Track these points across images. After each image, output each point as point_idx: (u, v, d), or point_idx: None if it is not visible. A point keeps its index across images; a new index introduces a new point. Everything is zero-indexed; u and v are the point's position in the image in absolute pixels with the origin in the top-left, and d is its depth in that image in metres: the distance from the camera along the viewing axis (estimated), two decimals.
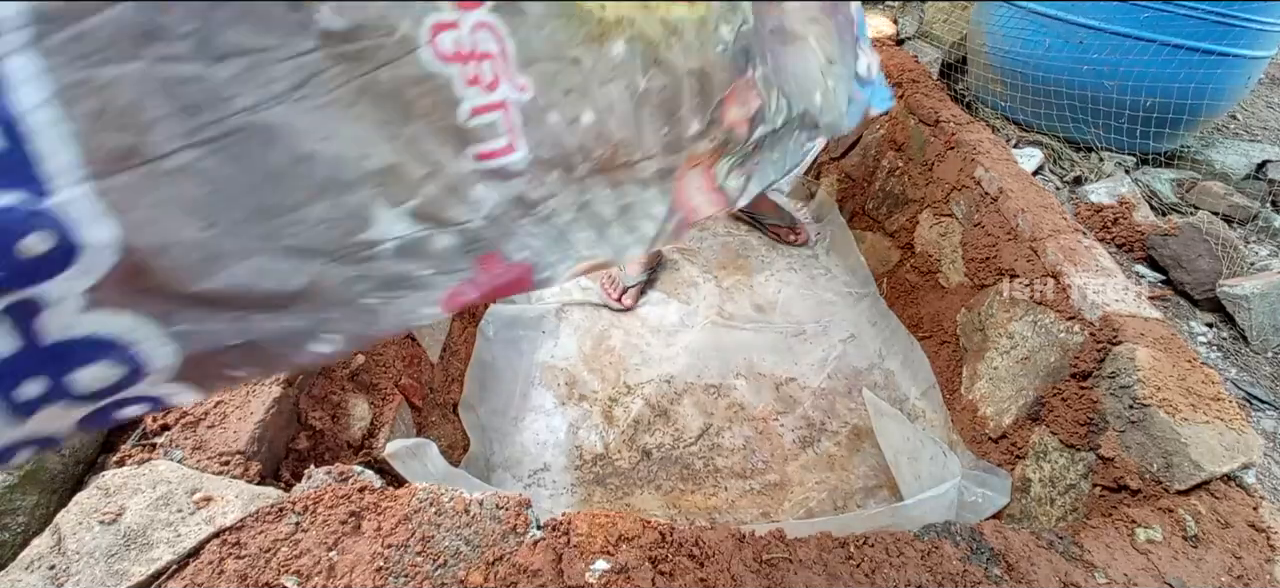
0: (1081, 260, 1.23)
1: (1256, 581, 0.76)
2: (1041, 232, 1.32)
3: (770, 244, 1.90)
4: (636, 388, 1.45)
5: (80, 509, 0.70)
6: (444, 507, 0.74)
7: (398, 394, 1.20)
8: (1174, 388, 0.95)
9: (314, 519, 0.72)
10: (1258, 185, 1.92)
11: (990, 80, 2.17)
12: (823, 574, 0.71)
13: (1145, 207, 1.69)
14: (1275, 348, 1.41)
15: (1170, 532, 0.80)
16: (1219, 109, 2.03)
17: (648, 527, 0.74)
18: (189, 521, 0.70)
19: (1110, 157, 1.94)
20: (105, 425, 0.37)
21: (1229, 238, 1.53)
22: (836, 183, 2.15)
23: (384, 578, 0.67)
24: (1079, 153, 1.98)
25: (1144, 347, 1.02)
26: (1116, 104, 1.82)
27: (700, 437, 1.36)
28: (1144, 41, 1.81)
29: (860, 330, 1.64)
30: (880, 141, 2.02)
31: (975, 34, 2.25)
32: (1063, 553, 0.76)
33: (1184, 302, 1.53)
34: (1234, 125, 2.36)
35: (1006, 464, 1.21)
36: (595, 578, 0.68)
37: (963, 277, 1.54)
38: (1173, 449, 0.87)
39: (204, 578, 0.66)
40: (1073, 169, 1.94)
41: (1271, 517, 0.83)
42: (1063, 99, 1.93)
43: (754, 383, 1.48)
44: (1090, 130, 1.93)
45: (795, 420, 1.41)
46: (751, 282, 1.77)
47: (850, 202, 2.04)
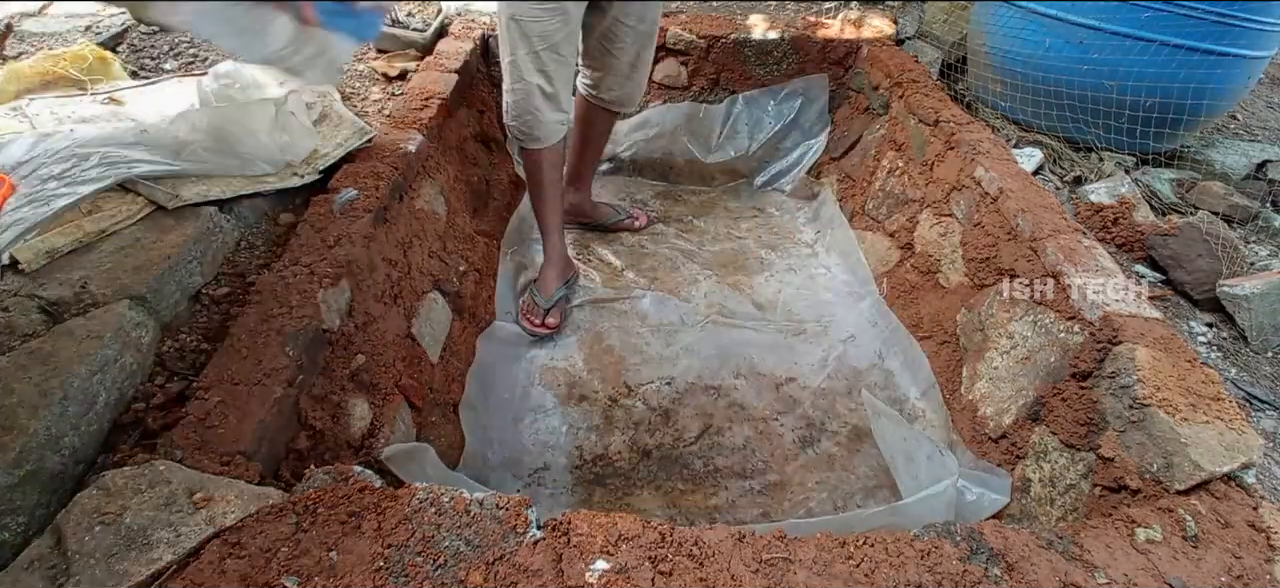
0: (1081, 260, 1.23)
1: (1256, 581, 0.76)
2: (1041, 232, 1.32)
3: (770, 245, 1.90)
4: (636, 388, 1.45)
5: (80, 509, 0.70)
6: (444, 507, 0.74)
7: (398, 394, 1.20)
8: (1174, 388, 0.95)
9: (314, 519, 0.72)
10: (1258, 185, 1.92)
11: (990, 80, 2.17)
12: (823, 574, 0.71)
13: (1145, 207, 1.69)
14: (1275, 348, 1.41)
15: (1170, 532, 0.80)
16: (1219, 109, 2.03)
17: (648, 527, 0.74)
18: (189, 521, 0.70)
19: (1110, 157, 1.94)
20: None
21: (1229, 238, 1.53)
22: (837, 183, 2.15)
23: (384, 578, 0.67)
24: (1079, 153, 1.98)
25: (1144, 347, 1.02)
26: (1116, 104, 1.82)
27: (700, 437, 1.36)
28: (1144, 41, 1.81)
29: (860, 330, 1.64)
30: (880, 141, 2.02)
31: (975, 34, 2.25)
32: (1063, 553, 0.76)
33: (1184, 302, 1.53)
34: (1234, 125, 2.36)
35: (1006, 464, 1.21)
36: (595, 578, 0.68)
37: (963, 277, 1.54)
38: (1173, 449, 0.87)
39: (204, 578, 0.66)
40: (1073, 169, 1.94)
41: (1271, 517, 0.83)
42: (1063, 99, 1.93)
43: (754, 383, 1.48)
44: (1090, 130, 1.93)
45: (795, 420, 1.41)
46: (752, 282, 1.77)
47: (850, 201, 2.04)
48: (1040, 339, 1.25)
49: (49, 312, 1.02)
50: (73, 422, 0.86)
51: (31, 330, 0.99)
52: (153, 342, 1.04)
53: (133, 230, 1.17)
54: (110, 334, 0.95)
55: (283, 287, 1.06)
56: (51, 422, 0.84)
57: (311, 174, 1.39)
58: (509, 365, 1.49)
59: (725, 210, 2.03)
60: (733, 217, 2.00)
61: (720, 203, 2.06)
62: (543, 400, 1.41)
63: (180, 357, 1.07)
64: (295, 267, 1.10)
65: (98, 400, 0.91)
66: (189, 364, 1.05)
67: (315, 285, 1.07)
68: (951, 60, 2.39)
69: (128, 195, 1.22)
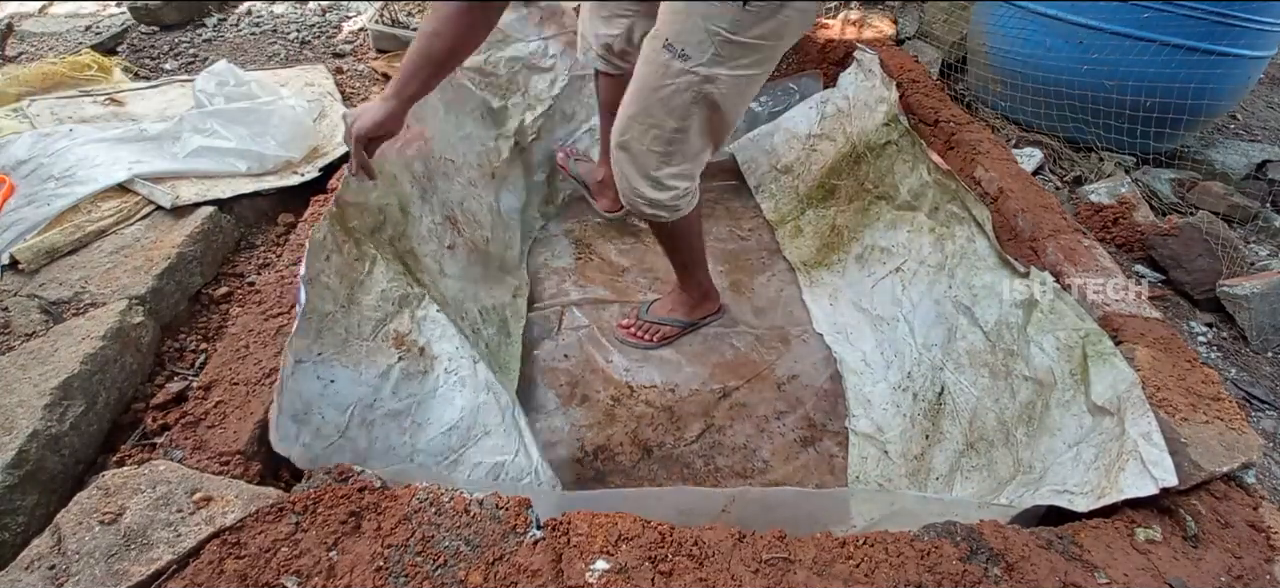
0: (1081, 260, 1.23)
1: (1256, 581, 0.76)
2: (1041, 231, 1.32)
3: (770, 247, 1.90)
4: (638, 388, 1.45)
5: (80, 509, 0.70)
6: (444, 507, 0.74)
7: None
8: (1174, 388, 0.95)
9: (314, 519, 0.72)
10: (1258, 185, 1.92)
11: (990, 80, 2.17)
12: (823, 574, 0.71)
13: (1145, 206, 1.69)
14: (1275, 348, 1.41)
15: (1170, 532, 0.80)
16: (1219, 109, 2.04)
17: (648, 527, 0.74)
18: (189, 521, 0.70)
19: (1110, 157, 1.94)
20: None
21: (1229, 238, 1.53)
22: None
23: (384, 578, 0.67)
24: (1079, 153, 1.98)
25: (1144, 346, 1.02)
26: (1116, 104, 1.82)
27: (701, 436, 1.36)
28: (1144, 41, 1.81)
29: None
30: None
31: (975, 34, 2.25)
32: (1063, 553, 0.76)
33: (1184, 302, 1.53)
34: (1234, 125, 2.36)
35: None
36: (595, 578, 0.68)
37: None
38: (1173, 449, 0.87)
39: (204, 578, 0.66)
40: (1073, 169, 1.94)
41: (1271, 517, 0.83)
42: (1063, 99, 1.93)
43: (755, 382, 1.48)
44: (1090, 130, 1.93)
45: (796, 420, 1.41)
46: (753, 282, 1.77)
47: None
48: None
49: (49, 312, 1.02)
50: (73, 422, 0.86)
51: (31, 330, 0.99)
52: (153, 342, 1.04)
53: (133, 230, 1.17)
54: (110, 334, 0.95)
55: (283, 287, 1.06)
56: (51, 422, 0.84)
57: (312, 172, 1.39)
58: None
59: (726, 210, 2.02)
60: (734, 216, 2.00)
61: (722, 202, 2.05)
62: (545, 400, 1.41)
63: (180, 357, 1.07)
64: (295, 266, 1.10)
65: (98, 400, 0.91)
66: (189, 364, 1.05)
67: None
68: (951, 60, 2.39)
69: (128, 195, 1.22)
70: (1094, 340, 1.05)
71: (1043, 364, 1.11)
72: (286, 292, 1.05)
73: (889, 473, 1.28)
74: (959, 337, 1.32)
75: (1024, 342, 1.17)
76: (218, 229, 1.23)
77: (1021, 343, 1.17)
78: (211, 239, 1.21)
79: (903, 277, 1.52)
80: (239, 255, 1.27)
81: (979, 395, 1.22)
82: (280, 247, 1.28)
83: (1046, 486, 0.96)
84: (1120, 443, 0.89)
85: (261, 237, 1.32)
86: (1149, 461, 0.83)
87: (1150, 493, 0.81)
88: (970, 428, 1.21)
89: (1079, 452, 0.97)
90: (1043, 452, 1.03)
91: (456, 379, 1.05)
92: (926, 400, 1.32)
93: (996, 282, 1.28)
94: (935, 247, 1.47)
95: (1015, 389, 1.16)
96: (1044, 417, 1.07)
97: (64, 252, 1.11)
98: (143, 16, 2.24)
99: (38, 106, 1.44)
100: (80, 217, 1.16)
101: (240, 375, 0.90)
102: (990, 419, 1.18)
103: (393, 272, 1.14)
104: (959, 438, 1.22)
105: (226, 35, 2.23)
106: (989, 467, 1.14)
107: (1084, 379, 1.02)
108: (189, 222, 1.19)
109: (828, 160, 1.92)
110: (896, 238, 1.58)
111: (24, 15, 2.28)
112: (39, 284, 1.05)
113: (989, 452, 1.15)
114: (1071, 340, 1.09)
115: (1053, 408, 1.06)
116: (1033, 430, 1.08)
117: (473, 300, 1.46)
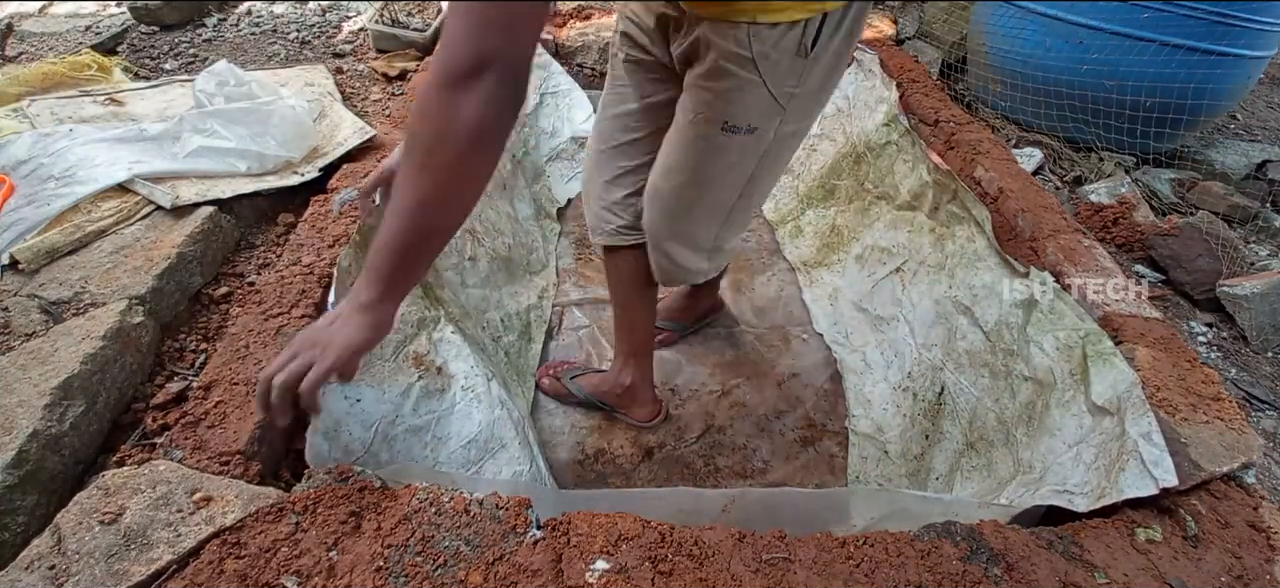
0: (1081, 260, 1.23)
1: (1256, 581, 0.76)
2: (1041, 232, 1.32)
3: (773, 249, 1.90)
4: None
5: (80, 509, 0.70)
6: (444, 507, 0.74)
7: None
8: (1174, 388, 0.95)
9: (314, 519, 0.72)
10: (1258, 185, 1.92)
11: (990, 80, 2.17)
12: (823, 574, 0.71)
13: (1145, 206, 1.69)
14: (1275, 348, 1.41)
15: (1170, 532, 0.80)
16: (1219, 109, 2.04)
17: (648, 527, 0.74)
18: (189, 521, 0.70)
19: (1110, 157, 1.94)
20: None
21: (1229, 238, 1.53)
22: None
23: (384, 578, 0.67)
24: (1079, 153, 1.98)
25: (1144, 346, 1.02)
26: (1116, 104, 1.82)
27: (701, 436, 1.36)
28: (1144, 41, 1.81)
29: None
30: None
31: (975, 34, 2.26)
32: (1063, 553, 0.76)
33: (1184, 302, 1.53)
34: (1234, 125, 2.37)
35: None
36: (595, 578, 0.68)
37: None
38: (1173, 449, 0.87)
39: (204, 578, 0.66)
40: (1073, 169, 1.94)
41: (1271, 517, 0.83)
42: (1062, 99, 1.93)
43: (755, 382, 1.48)
44: (1090, 130, 1.93)
45: (796, 420, 1.41)
46: (753, 281, 1.77)
47: None
48: None
49: (49, 312, 1.02)
50: (73, 422, 0.86)
51: (31, 330, 0.99)
52: (153, 342, 1.04)
53: (133, 230, 1.17)
54: (110, 334, 0.95)
55: (283, 287, 1.06)
56: (51, 422, 0.84)
57: (312, 172, 1.39)
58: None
59: None
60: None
61: None
62: (545, 401, 1.41)
63: (180, 357, 1.07)
64: (295, 266, 1.10)
65: (98, 400, 0.91)
66: (189, 364, 1.05)
67: (315, 285, 1.07)
68: (951, 60, 2.39)
69: (128, 195, 1.22)
70: (1094, 340, 1.05)
71: (1043, 364, 1.11)
72: (286, 292, 1.05)
73: (889, 473, 1.28)
74: (959, 337, 1.32)
75: (1024, 342, 1.17)
76: (218, 229, 1.23)
77: (1021, 343, 1.17)
78: (211, 239, 1.21)
79: (903, 277, 1.52)
80: (239, 255, 1.27)
81: (979, 395, 1.22)
82: (280, 247, 1.28)
83: (1046, 486, 0.96)
84: (1120, 443, 0.89)
85: (261, 237, 1.32)
86: (1149, 461, 0.83)
87: (1150, 493, 0.81)
88: (970, 428, 1.21)
89: (1079, 452, 0.97)
90: (1043, 452, 1.03)
91: (473, 396, 1.07)
92: (926, 400, 1.32)
93: (996, 282, 1.28)
94: (935, 247, 1.47)
95: (1015, 389, 1.16)
96: (1044, 417, 1.07)
97: (64, 252, 1.11)
98: (143, 16, 2.24)
99: (38, 106, 1.44)
100: (80, 217, 1.16)
101: (240, 375, 0.90)
102: (990, 419, 1.18)
103: (411, 295, 1.15)
104: (959, 438, 1.22)
105: (226, 35, 2.23)
106: (989, 467, 1.14)
107: (1084, 379, 1.02)
108: (189, 222, 1.19)
109: (828, 160, 1.92)
110: (896, 238, 1.58)
111: (24, 15, 2.28)
112: (39, 284, 1.05)
113: (989, 452, 1.15)
114: (1071, 340, 1.09)
115: (1053, 408, 1.06)
116: (1033, 431, 1.08)
117: (495, 309, 1.48)
